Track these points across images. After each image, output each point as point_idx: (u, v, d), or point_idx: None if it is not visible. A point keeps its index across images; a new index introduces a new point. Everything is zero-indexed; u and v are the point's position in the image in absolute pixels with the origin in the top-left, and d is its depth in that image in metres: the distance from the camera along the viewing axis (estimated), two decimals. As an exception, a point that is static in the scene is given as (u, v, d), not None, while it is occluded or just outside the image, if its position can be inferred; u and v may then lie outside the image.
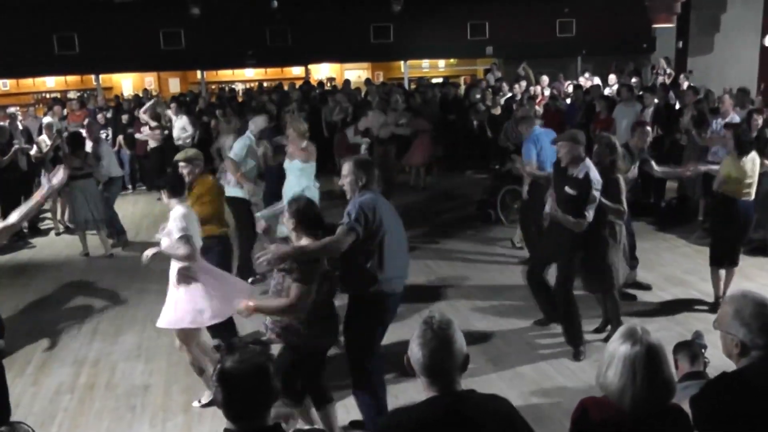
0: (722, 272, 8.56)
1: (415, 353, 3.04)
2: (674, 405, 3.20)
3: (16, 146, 12.94)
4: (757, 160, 8.37)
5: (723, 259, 8.53)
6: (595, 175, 7.00)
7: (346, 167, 5.78)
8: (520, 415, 3.10)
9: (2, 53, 20.73)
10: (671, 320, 8.17)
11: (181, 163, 7.57)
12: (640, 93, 14.79)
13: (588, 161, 7.14)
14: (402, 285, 5.86)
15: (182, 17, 20.64)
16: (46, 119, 14.72)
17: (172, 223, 6.36)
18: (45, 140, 13.46)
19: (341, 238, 5.35)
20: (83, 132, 13.21)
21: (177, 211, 6.42)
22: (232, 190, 9.38)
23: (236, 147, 9.74)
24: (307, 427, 3.26)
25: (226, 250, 7.84)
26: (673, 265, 9.50)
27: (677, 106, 14.44)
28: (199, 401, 6.79)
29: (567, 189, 7.08)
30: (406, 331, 7.38)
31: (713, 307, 8.34)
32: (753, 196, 8.41)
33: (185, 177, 7.45)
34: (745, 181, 8.25)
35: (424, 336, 3.03)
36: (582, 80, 19.95)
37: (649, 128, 9.61)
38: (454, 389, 3.03)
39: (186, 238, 6.25)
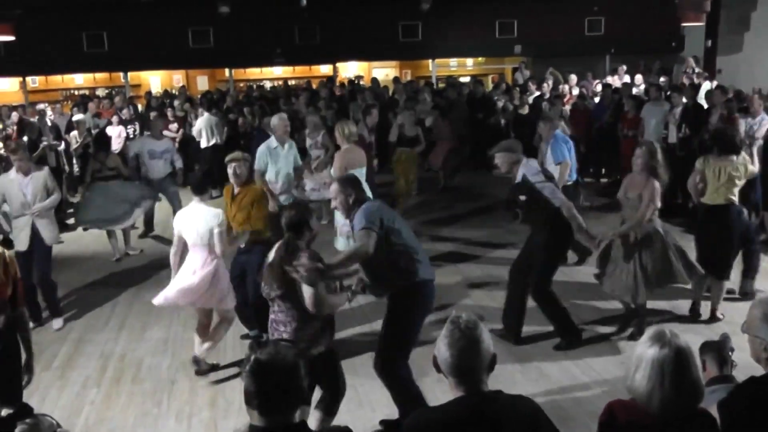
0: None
1: (443, 353, 3.03)
2: (702, 409, 3.17)
3: (45, 143, 13.04)
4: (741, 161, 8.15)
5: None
6: (528, 170, 7.32)
7: (334, 188, 5.91)
8: (546, 416, 3.08)
9: (32, 51, 20.90)
10: (699, 323, 8.10)
11: (234, 163, 7.60)
12: (668, 92, 14.69)
13: (524, 162, 7.45)
14: (432, 272, 6.00)
15: (211, 15, 20.71)
16: (78, 116, 14.83)
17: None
18: (76, 136, 13.57)
19: (363, 240, 5.49)
20: (111, 129, 13.37)
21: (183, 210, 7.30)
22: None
23: (256, 155, 9.54)
24: (332, 425, 3.23)
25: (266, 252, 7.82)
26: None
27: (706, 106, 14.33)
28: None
29: (520, 198, 7.38)
30: (432, 332, 7.39)
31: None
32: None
33: (235, 177, 7.57)
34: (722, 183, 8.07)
35: (451, 335, 3.02)
36: (615, 78, 19.83)
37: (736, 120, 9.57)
38: (480, 389, 3.02)
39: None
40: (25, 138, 13.48)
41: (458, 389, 3.03)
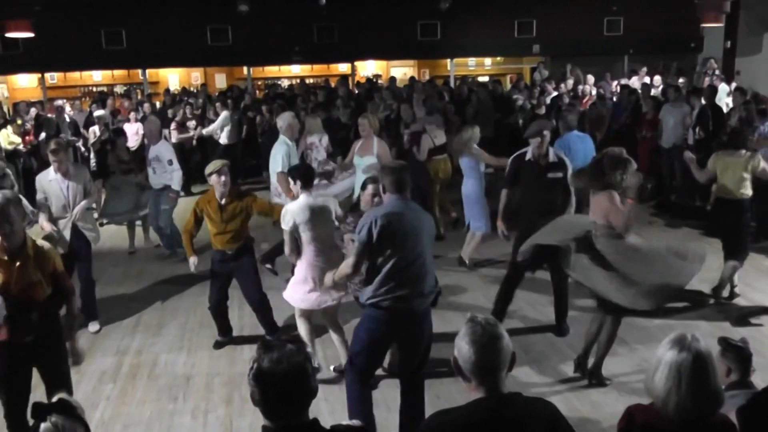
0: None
1: (465, 351, 2.99)
2: (722, 415, 3.15)
3: (63, 139, 13.08)
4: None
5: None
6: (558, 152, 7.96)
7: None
8: (566, 420, 3.06)
9: (51, 48, 21.00)
10: (716, 326, 8.06)
11: (214, 177, 7.48)
12: (686, 92, 14.64)
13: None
14: (415, 303, 5.58)
15: (230, 14, 20.75)
16: (98, 112, 14.90)
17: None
18: (95, 132, 13.64)
19: (356, 257, 5.50)
20: (128, 126, 13.34)
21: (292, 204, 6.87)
22: (280, 199, 9.26)
23: (277, 158, 9.46)
24: (344, 423, 3.21)
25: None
26: (717, 271, 9.27)
27: (725, 108, 14.25)
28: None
29: (550, 175, 7.64)
30: (450, 331, 7.38)
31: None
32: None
33: (224, 187, 7.49)
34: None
35: (473, 333, 2.99)
36: (635, 79, 19.75)
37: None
38: (500, 391, 3.00)
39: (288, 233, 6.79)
40: (43, 134, 13.56)
41: (479, 390, 3.01)
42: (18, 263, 5.23)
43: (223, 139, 15.82)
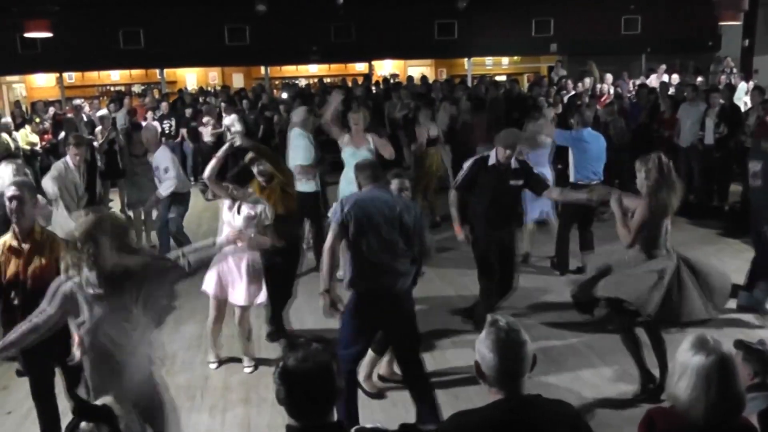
0: None
1: (489, 358, 2.97)
2: (742, 418, 3.13)
3: (81, 137, 13.15)
4: None
5: None
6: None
7: None
8: (585, 422, 3.05)
9: (69, 47, 21.12)
10: (734, 328, 8.00)
11: (261, 164, 7.69)
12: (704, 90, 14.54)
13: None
14: (391, 284, 5.76)
15: (247, 13, 20.83)
16: (101, 111, 14.94)
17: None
18: (101, 131, 13.69)
19: (331, 238, 5.74)
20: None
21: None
22: (303, 186, 9.47)
23: (299, 150, 9.71)
24: (368, 426, 3.22)
25: None
26: (736, 272, 9.19)
27: (743, 108, 14.14)
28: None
29: (512, 182, 7.57)
30: (466, 328, 7.41)
31: None
32: None
33: (261, 175, 7.67)
34: None
35: (497, 340, 2.97)
36: (653, 78, 19.66)
37: None
38: (520, 393, 2.99)
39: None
40: (63, 133, 13.63)
41: (499, 393, 3.00)
42: (28, 246, 5.30)
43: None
